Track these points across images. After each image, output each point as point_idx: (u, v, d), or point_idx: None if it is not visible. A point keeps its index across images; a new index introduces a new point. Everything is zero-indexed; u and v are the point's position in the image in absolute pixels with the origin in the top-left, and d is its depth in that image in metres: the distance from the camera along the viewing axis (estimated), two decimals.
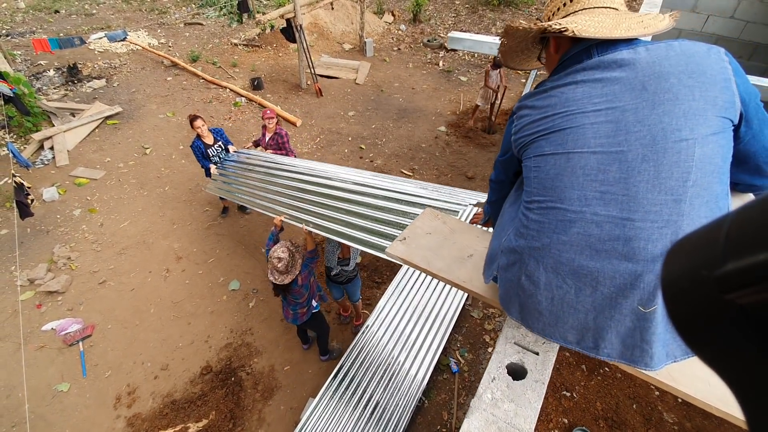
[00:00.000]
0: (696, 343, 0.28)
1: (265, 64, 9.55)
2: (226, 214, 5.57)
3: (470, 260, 1.36)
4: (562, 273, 0.92)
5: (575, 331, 0.94)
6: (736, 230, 0.25)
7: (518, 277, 1.00)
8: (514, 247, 1.01)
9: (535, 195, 0.96)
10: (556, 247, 0.92)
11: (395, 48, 10.51)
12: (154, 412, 3.66)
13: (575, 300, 0.92)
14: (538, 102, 0.98)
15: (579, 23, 0.93)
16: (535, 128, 0.97)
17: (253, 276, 4.83)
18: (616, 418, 3.49)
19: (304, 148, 6.92)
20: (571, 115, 0.90)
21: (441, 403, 3.73)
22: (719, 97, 0.83)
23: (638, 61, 0.86)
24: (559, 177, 0.91)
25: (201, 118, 4.67)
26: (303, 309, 3.40)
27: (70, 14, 12.29)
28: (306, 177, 3.90)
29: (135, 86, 8.47)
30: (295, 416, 3.62)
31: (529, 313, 1.00)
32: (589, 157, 0.88)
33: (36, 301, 4.52)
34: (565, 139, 0.91)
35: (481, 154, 6.77)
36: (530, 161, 0.99)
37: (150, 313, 4.44)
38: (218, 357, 4.06)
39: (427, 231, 1.48)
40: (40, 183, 5.99)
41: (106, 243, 5.19)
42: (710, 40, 5.23)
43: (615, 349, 0.91)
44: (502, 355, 1.11)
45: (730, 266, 0.24)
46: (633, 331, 0.88)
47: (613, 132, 0.86)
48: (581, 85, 0.91)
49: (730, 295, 0.24)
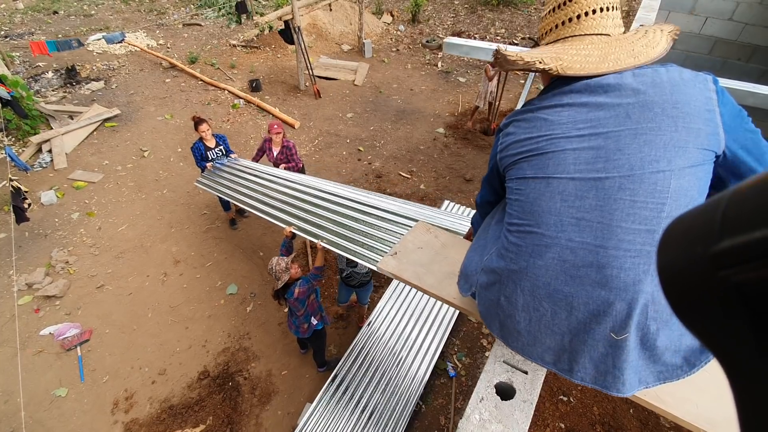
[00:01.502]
0: (691, 322, 0.28)
1: (263, 66, 9.54)
2: (236, 226, 5.47)
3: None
4: (538, 296, 0.93)
5: (552, 352, 0.95)
6: (733, 208, 0.25)
7: (498, 298, 1.01)
8: (494, 268, 1.02)
9: (515, 218, 0.97)
10: (532, 270, 0.93)
11: (394, 49, 10.49)
12: (151, 417, 3.67)
13: (551, 322, 0.93)
14: (524, 121, 0.98)
15: (564, 59, 0.92)
16: (518, 149, 0.97)
17: (251, 280, 4.83)
18: (613, 423, 3.49)
19: (303, 150, 6.91)
20: (555, 139, 0.90)
21: (438, 408, 3.73)
22: (702, 129, 0.82)
23: (624, 87, 0.86)
24: (538, 201, 0.91)
25: (206, 122, 4.60)
26: (304, 325, 3.40)
27: (68, 15, 12.28)
28: (303, 190, 3.93)
29: (133, 88, 8.46)
30: (293, 421, 3.63)
31: (508, 332, 1.02)
32: (567, 183, 0.88)
33: (34, 305, 4.53)
34: (546, 163, 0.91)
35: (479, 156, 6.76)
36: (513, 183, 0.99)
37: (148, 317, 4.45)
38: (216, 362, 4.07)
39: (418, 245, 1.48)
40: (38, 186, 5.99)
41: (104, 247, 5.19)
42: (709, 42, 5.22)
43: (588, 374, 0.92)
44: (491, 374, 1.11)
45: (725, 243, 0.24)
46: (605, 357, 0.89)
47: (593, 159, 0.86)
48: (567, 108, 0.91)
49: (724, 272, 0.24)
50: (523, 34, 11.03)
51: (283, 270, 3.12)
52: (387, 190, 6.02)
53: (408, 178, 6.31)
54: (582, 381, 0.93)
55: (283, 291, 3.20)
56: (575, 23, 0.96)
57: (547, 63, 1.00)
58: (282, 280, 3.12)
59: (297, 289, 3.18)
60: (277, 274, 3.10)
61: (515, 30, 11.27)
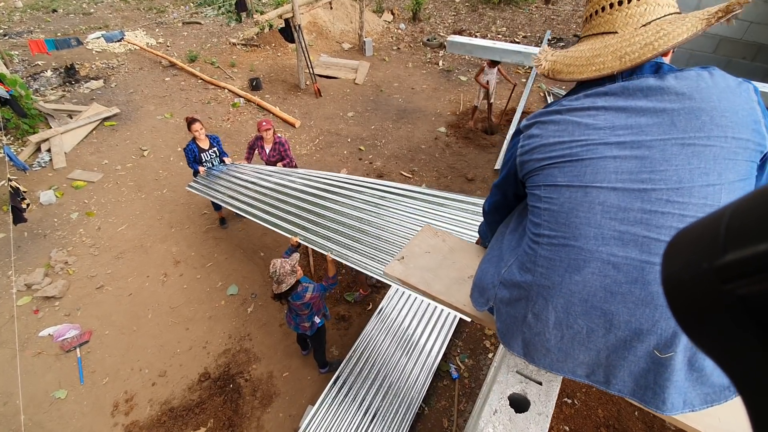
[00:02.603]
0: (698, 336, 0.28)
1: (263, 64, 9.49)
2: (226, 225, 5.46)
3: (470, 282, 1.32)
4: (573, 313, 0.87)
5: (585, 366, 0.90)
6: (737, 221, 0.25)
7: (524, 315, 0.95)
8: (519, 282, 0.95)
9: (545, 229, 0.90)
10: (568, 286, 0.86)
11: (395, 47, 10.44)
12: (151, 419, 3.63)
13: (587, 339, 0.87)
14: (551, 123, 0.91)
15: (559, 61, 0.88)
16: (546, 153, 0.90)
17: (252, 281, 4.79)
18: (618, 425, 3.46)
19: (303, 149, 6.87)
20: (592, 146, 0.83)
21: (441, 410, 3.70)
22: (750, 140, 0.77)
23: (666, 90, 0.80)
24: (574, 212, 0.85)
25: (199, 121, 4.59)
26: (305, 323, 3.36)
27: (68, 13, 12.21)
28: (304, 190, 3.93)
29: (133, 87, 8.41)
30: (294, 423, 3.59)
31: (534, 350, 0.95)
32: (608, 194, 0.82)
33: (33, 306, 4.49)
34: (582, 171, 0.84)
35: (481, 155, 6.72)
36: (540, 190, 0.91)
37: (148, 318, 4.41)
38: (216, 363, 4.03)
39: (425, 250, 1.44)
40: (37, 186, 5.95)
41: (104, 247, 5.15)
42: (713, 40, 5.17)
43: (627, 387, 0.87)
44: (504, 386, 1.07)
45: (730, 256, 0.24)
46: (647, 372, 0.84)
47: (637, 168, 0.80)
48: (603, 112, 0.84)
49: (729, 285, 0.24)
50: (525, 32, 10.97)
51: (289, 273, 3.02)
52: None
53: (409, 178, 6.27)
54: (620, 393, 0.89)
55: (286, 293, 3.12)
56: (589, 23, 0.92)
57: (543, 68, 0.98)
58: (287, 283, 3.02)
59: (308, 294, 3.11)
60: (281, 278, 3.01)
61: (516, 28, 11.22)
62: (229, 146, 6.80)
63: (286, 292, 3.09)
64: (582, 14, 0.98)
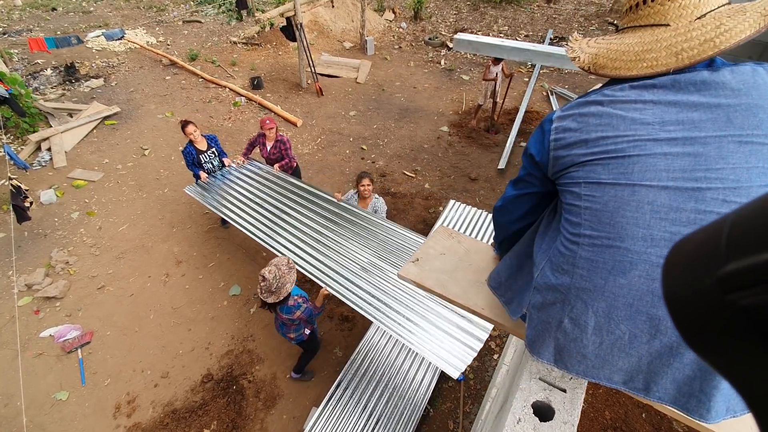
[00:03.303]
0: (702, 349, 0.28)
1: (264, 63, 9.44)
2: (227, 225, 5.37)
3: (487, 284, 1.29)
4: (615, 318, 0.82)
5: (623, 372, 0.86)
6: (738, 230, 0.25)
7: (559, 320, 0.90)
8: (555, 285, 0.90)
9: (586, 228, 0.84)
10: (611, 290, 0.82)
11: (396, 46, 10.40)
12: (154, 421, 3.60)
13: (628, 346, 0.83)
14: (592, 116, 0.85)
15: (601, 55, 0.83)
16: (588, 148, 0.84)
17: (254, 281, 4.75)
18: (625, 427, 3.42)
19: (305, 149, 6.83)
20: (639, 141, 0.78)
21: (446, 412, 3.66)
22: None
23: (721, 85, 0.75)
24: (620, 211, 0.80)
25: (193, 123, 4.46)
26: (290, 334, 3.30)
27: (67, 12, 12.16)
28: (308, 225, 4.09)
29: (133, 86, 8.37)
30: (299, 425, 3.56)
31: (569, 356, 0.91)
32: (659, 193, 0.77)
33: (34, 306, 4.45)
34: (630, 168, 0.79)
35: (484, 154, 6.69)
36: (579, 188, 0.86)
37: (149, 319, 4.37)
38: (219, 364, 4.00)
39: (440, 251, 1.40)
40: (37, 185, 5.90)
41: (105, 247, 5.11)
42: None
43: (668, 394, 0.83)
44: (527, 393, 1.04)
45: (732, 266, 0.24)
46: (692, 380, 0.80)
47: (690, 166, 0.76)
48: (651, 106, 0.79)
49: (732, 296, 0.24)
50: (526, 31, 10.94)
51: (286, 272, 2.86)
52: (391, 190, 5.95)
53: (412, 178, 6.23)
54: (660, 401, 0.85)
55: (279, 303, 2.92)
56: (634, 12, 0.85)
57: (582, 61, 0.92)
58: (286, 289, 2.84)
59: (299, 312, 3.02)
60: (282, 280, 2.83)
61: (518, 27, 11.18)
62: (231, 146, 6.76)
63: (278, 303, 2.90)
64: (624, 3, 0.92)
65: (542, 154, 0.94)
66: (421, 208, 5.61)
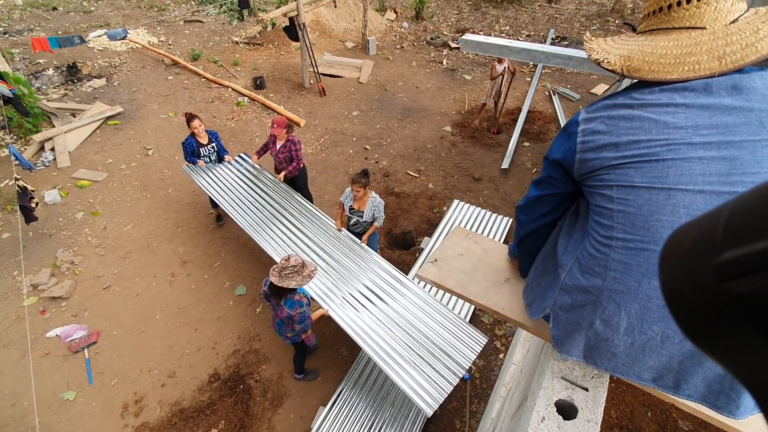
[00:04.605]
0: (700, 339, 0.28)
1: (267, 63, 9.44)
2: (222, 222, 5.43)
3: (507, 284, 1.30)
4: (648, 320, 0.84)
5: (653, 371, 0.88)
6: (734, 219, 0.25)
7: (590, 321, 0.92)
8: (586, 287, 0.91)
9: (619, 231, 0.85)
10: (645, 292, 0.83)
11: (398, 46, 10.40)
12: (162, 421, 3.61)
13: (660, 346, 0.84)
14: (622, 119, 0.84)
15: (635, 58, 0.82)
16: (618, 152, 0.84)
17: (260, 280, 4.77)
18: (630, 426, 3.44)
19: (309, 148, 6.84)
20: (674, 146, 0.79)
21: (453, 411, 3.68)
22: None
23: (752, 90, 0.76)
24: (655, 215, 0.80)
25: (198, 118, 4.62)
26: (288, 333, 3.29)
27: (68, 11, 12.14)
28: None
29: (136, 85, 8.37)
30: (306, 425, 3.57)
31: (598, 355, 0.93)
32: (695, 197, 0.78)
33: (40, 306, 4.45)
34: (664, 172, 0.79)
35: (487, 154, 6.70)
36: (611, 191, 0.86)
37: (156, 319, 4.38)
38: (226, 364, 4.01)
39: (458, 252, 1.42)
40: (41, 185, 5.91)
41: (110, 247, 5.12)
42: None
43: (698, 392, 0.85)
44: (549, 392, 1.05)
45: (728, 254, 0.24)
46: (723, 377, 0.82)
47: (726, 171, 0.76)
48: (683, 109, 0.79)
49: (728, 284, 0.24)
50: (528, 31, 10.95)
51: (305, 275, 2.87)
52: (395, 190, 5.96)
53: (416, 177, 6.24)
54: (689, 398, 0.86)
55: (287, 290, 2.92)
56: (666, 14, 0.85)
57: (613, 63, 0.92)
58: (292, 284, 2.83)
59: (298, 310, 3.00)
60: (296, 275, 2.83)
61: (520, 27, 11.20)
62: (234, 145, 6.76)
63: (286, 290, 2.91)
64: (650, 3, 0.92)
65: (568, 156, 0.94)
66: (425, 208, 5.62)
